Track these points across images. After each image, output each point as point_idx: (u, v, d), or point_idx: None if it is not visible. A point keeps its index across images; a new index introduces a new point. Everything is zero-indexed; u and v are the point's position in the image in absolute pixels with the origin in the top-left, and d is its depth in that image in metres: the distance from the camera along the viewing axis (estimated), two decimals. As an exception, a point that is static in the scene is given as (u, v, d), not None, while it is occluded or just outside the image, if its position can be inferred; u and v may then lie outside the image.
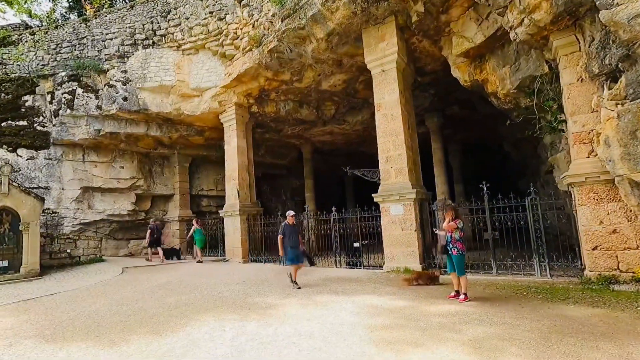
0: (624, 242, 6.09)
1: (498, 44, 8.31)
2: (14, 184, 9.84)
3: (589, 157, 6.54)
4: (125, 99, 12.87)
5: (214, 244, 14.46)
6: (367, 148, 19.54)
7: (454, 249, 5.73)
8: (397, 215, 8.77)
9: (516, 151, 14.51)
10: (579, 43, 6.68)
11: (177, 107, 13.45)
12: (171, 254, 13.67)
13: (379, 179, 9.28)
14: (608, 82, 6.32)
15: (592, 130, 6.50)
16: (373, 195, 9.24)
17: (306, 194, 18.08)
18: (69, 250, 11.14)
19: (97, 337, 4.58)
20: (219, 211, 13.68)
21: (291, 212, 7.72)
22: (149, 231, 13.13)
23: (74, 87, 13.08)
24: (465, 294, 5.58)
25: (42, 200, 10.27)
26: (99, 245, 11.95)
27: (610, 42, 6.02)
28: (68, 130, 13.10)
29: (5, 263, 9.67)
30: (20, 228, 9.77)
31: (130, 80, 13.06)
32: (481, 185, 8.04)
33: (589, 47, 6.40)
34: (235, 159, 13.16)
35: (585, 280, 6.25)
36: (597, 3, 5.55)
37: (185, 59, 13.23)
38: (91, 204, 13.79)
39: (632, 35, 5.22)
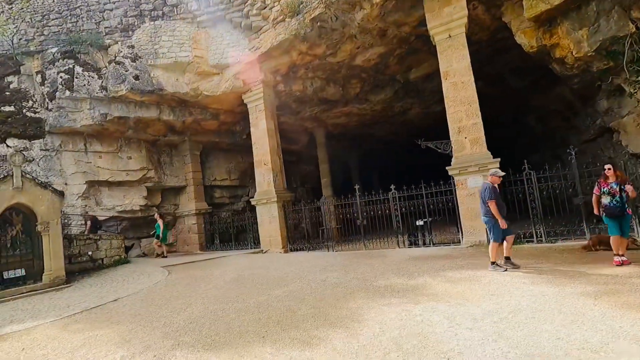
0: None
1: (573, 6, 8.12)
2: (27, 176, 8.18)
3: (694, 113, 6.54)
4: (136, 77, 11.28)
5: (241, 236, 13.39)
6: (377, 130, 19.19)
7: (629, 208, 5.30)
8: (475, 187, 8.39)
9: (541, 125, 14.81)
10: (681, -2, 6.61)
11: (195, 87, 12.07)
12: None
13: (451, 151, 8.85)
14: None
15: (699, 85, 6.48)
16: (447, 168, 8.81)
17: (322, 179, 17.33)
18: (90, 253, 9.61)
19: (265, 339, 3.69)
20: (250, 200, 12.61)
21: (498, 172, 6.14)
22: (89, 223, 11.33)
23: (71, 65, 11.25)
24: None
25: (62, 194, 8.68)
26: (122, 245, 10.45)
27: None
28: (68, 115, 11.26)
29: (22, 272, 8.07)
30: (38, 229, 8.17)
31: (140, 57, 11.47)
32: (569, 151, 7.89)
33: (699, 0, 6.32)
34: (266, 142, 12.11)
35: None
36: None
37: (202, 32, 11.86)
38: (99, 200, 12.07)
39: None
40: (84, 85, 11.18)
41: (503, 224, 5.66)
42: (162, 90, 11.65)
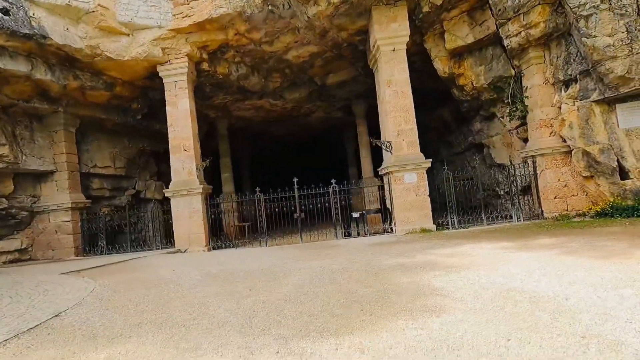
0: (571, 192, 9.42)
1: (477, 47, 10.59)
2: None
3: (550, 136, 9.62)
4: (6, 12, 7.99)
5: (130, 237, 11.04)
6: (277, 129, 19.28)
7: None
8: (411, 183, 9.76)
9: (420, 139, 18.02)
10: (545, 57, 9.64)
11: (94, 44, 9.49)
12: None
13: (392, 150, 9.96)
14: (562, 86, 9.49)
15: (552, 118, 9.59)
16: (388, 165, 9.88)
17: (223, 174, 16.14)
18: None
19: (376, 315, 3.51)
20: (166, 194, 10.57)
21: None
22: None
23: None
24: None
25: None
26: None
27: (572, 60, 9.10)
28: None
29: None
30: None
31: (11, -15, 8.20)
32: (475, 157, 10.12)
33: (557, 60, 9.39)
34: (188, 125, 10.56)
35: (554, 218, 9.25)
36: (581, 32, 8.33)
37: (109, -21, 9.46)
38: None
39: (601, 57, 8.20)
40: None
41: None
42: (45, 38, 8.62)
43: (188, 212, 10.23)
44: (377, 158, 16.99)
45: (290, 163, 24.81)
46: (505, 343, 2.71)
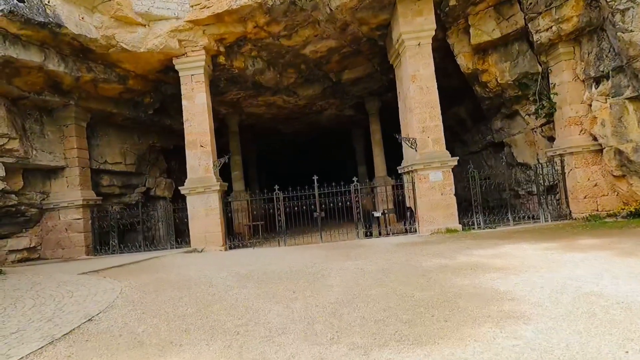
0: (601, 192, 9.16)
1: (502, 43, 10.31)
2: None
3: (579, 134, 9.35)
4: (21, -2, 7.60)
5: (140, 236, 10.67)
6: (286, 127, 18.94)
7: None
8: (436, 181, 9.45)
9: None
10: (575, 53, 9.38)
11: (109, 35, 9.11)
12: None
13: (417, 147, 9.65)
14: (593, 83, 9.22)
15: (582, 116, 9.32)
16: (412, 162, 9.56)
17: (233, 172, 15.73)
18: None
19: (452, 321, 3.20)
20: (182, 192, 10.21)
21: None
22: None
23: None
24: None
25: None
26: (-12, 247, 6.67)
27: (604, 56, 8.83)
28: None
29: None
30: None
31: (25, -29, 7.81)
32: (501, 155, 9.84)
33: (588, 56, 9.12)
34: (205, 120, 10.19)
35: (584, 219, 8.98)
36: (616, 27, 8.08)
37: (125, -33, 9.10)
38: None
39: (637, 53, 7.93)
40: None
41: None
42: (59, 27, 8.24)
43: (204, 211, 9.87)
44: (389, 157, 16.74)
45: (298, 161, 24.50)
46: (624, 356, 2.40)
